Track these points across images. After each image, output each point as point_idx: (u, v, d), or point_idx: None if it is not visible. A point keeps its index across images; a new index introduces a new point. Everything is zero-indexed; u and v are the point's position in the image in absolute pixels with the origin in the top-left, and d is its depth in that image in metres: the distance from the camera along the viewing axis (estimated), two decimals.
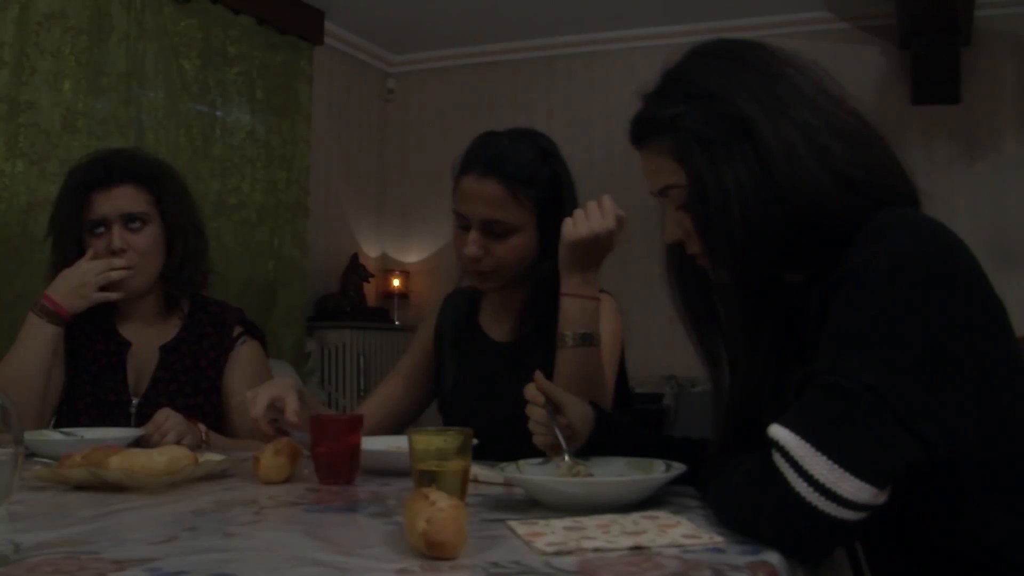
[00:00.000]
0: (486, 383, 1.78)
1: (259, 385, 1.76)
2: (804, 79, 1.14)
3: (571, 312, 1.56)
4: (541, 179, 1.70)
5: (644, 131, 1.19)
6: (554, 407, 1.37)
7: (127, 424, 1.93)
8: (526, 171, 1.68)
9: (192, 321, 2.04)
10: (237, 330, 2.06)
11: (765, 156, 1.08)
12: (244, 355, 2.05)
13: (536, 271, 1.73)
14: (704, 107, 1.12)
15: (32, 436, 1.67)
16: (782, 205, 1.08)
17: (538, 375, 1.39)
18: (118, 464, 1.31)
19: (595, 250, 1.52)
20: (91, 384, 1.96)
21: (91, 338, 1.99)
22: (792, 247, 1.12)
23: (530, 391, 1.39)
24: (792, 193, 1.08)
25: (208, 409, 2.00)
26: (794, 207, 1.08)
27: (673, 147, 1.14)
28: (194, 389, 1.99)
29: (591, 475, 1.27)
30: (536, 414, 1.38)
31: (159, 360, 1.99)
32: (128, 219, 1.94)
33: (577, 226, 1.49)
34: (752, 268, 1.14)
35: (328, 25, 4.99)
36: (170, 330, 2.03)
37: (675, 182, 1.16)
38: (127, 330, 2.01)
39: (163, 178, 2.01)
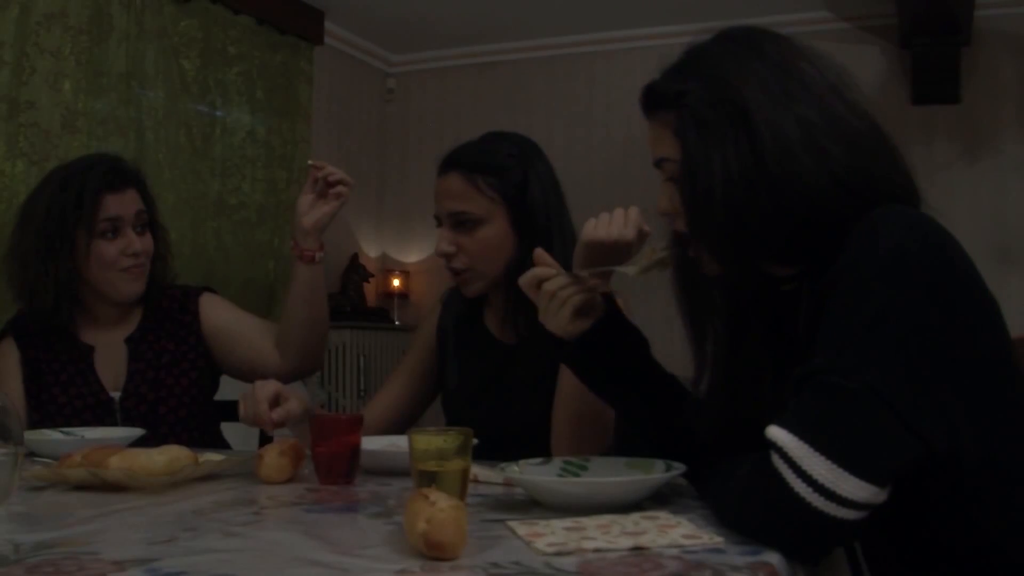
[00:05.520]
0: (491, 383, 1.78)
1: (242, 312, 2.03)
2: (819, 78, 1.14)
3: None
4: (507, 170, 1.72)
5: (653, 101, 1.21)
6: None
7: (113, 423, 1.94)
8: (487, 160, 1.72)
9: (151, 308, 2.05)
10: (194, 293, 2.10)
11: (759, 145, 1.09)
12: (209, 301, 2.09)
13: (512, 271, 1.73)
14: (709, 89, 1.13)
15: (32, 436, 1.67)
16: (772, 194, 1.09)
17: (540, 252, 1.37)
18: (118, 464, 1.31)
19: (609, 256, 1.51)
20: (64, 395, 1.96)
21: (53, 351, 1.99)
22: (780, 238, 1.12)
23: (530, 273, 1.35)
24: (784, 184, 1.09)
25: (194, 392, 2.01)
26: (785, 197, 1.09)
27: (674, 122, 1.16)
28: (167, 373, 2.00)
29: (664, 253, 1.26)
30: (557, 282, 1.33)
31: (128, 353, 2.00)
32: (138, 221, 1.97)
33: (597, 228, 1.49)
34: (735, 252, 1.15)
35: (328, 25, 4.99)
36: (132, 321, 2.04)
37: (670, 155, 1.18)
38: (88, 335, 2.01)
39: (147, 185, 2.05)
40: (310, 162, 1.90)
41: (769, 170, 1.09)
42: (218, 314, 2.07)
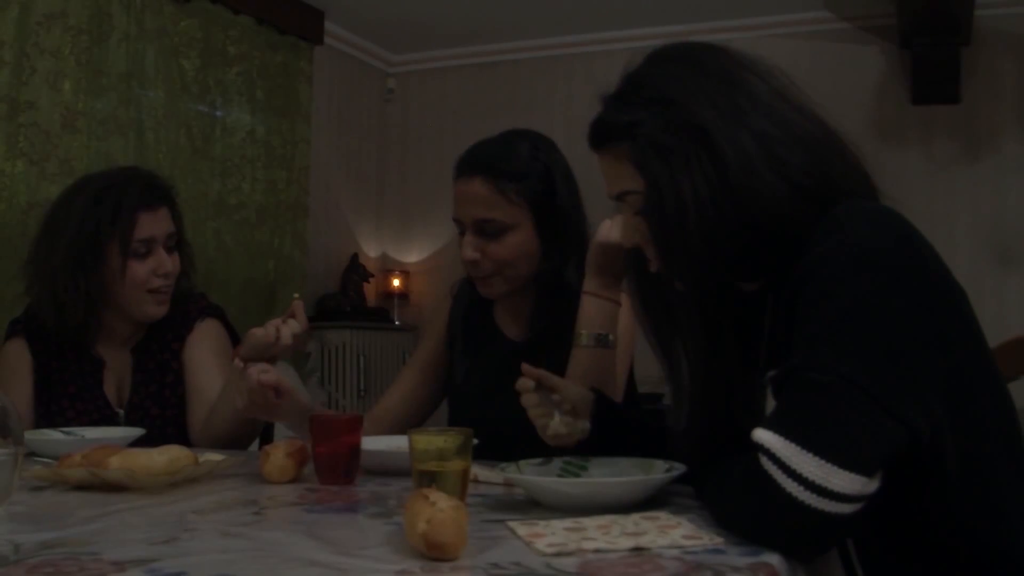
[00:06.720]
0: (498, 381, 1.77)
1: (216, 362, 1.93)
2: (764, 86, 1.14)
3: (590, 311, 1.55)
4: (531, 174, 1.69)
5: (602, 135, 1.19)
6: (548, 390, 1.37)
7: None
8: (512, 166, 1.68)
9: (159, 319, 2.03)
10: (197, 313, 2.05)
11: (722, 165, 1.08)
12: (201, 331, 2.03)
13: (541, 272, 1.72)
14: (663, 114, 1.12)
15: (32, 436, 1.67)
16: (739, 213, 1.09)
17: (526, 367, 1.38)
18: (118, 464, 1.31)
19: (622, 258, 1.50)
20: (72, 409, 1.96)
21: (64, 359, 1.98)
22: (747, 255, 1.12)
23: (520, 382, 1.38)
24: (749, 202, 1.08)
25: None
26: (751, 215, 1.09)
27: (631, 153, 1.14)
28: (170, 388, 1.99)
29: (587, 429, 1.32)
30: (530, 400, 1.37)
31: (133, 363, 2.00)
32: (169, 242, 1.96)
33: (612, 231, 1.48)
34: (707, 276, 1.15)
35: (328, 25, 4.99)
36: (140, 332, 2.03)
37: (632, 188, 1.16)
38: (103, 348, 2.00)
39: (177, 203, 2.02)
40: (295, 297, 1.77)
41: (733, 188, 1.08)
42: (193, 355, 2.00)
